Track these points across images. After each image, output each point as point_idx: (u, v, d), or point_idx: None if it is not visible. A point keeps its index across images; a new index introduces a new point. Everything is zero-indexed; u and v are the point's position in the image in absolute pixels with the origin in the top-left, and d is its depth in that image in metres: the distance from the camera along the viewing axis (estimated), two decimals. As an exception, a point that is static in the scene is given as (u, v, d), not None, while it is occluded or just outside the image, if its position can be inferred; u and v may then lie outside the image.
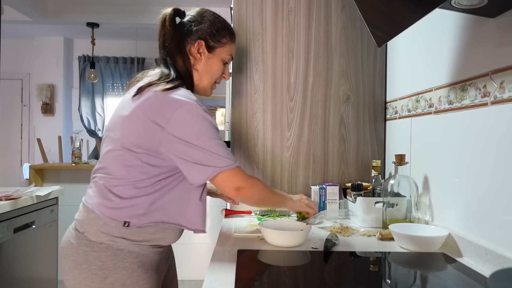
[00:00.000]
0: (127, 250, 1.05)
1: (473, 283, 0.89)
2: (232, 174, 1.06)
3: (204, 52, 1.17)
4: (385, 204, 1.30)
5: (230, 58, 1.24)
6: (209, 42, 1.17)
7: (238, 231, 1.30)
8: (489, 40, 0.98)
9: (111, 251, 1.04)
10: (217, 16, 1.22)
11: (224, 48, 1.20)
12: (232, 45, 1.23)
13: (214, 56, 1.19)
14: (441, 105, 1.21)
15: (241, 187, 1.08)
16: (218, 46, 1.19)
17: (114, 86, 5.73)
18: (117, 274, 1.03)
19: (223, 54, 1.20)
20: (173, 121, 1.00)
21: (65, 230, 1.19)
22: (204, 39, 1.17)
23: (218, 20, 1.21)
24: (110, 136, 1.09)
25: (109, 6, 4.54)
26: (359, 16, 1.63)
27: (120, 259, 1.04)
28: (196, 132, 1.02)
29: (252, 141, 1.69)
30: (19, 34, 5.30)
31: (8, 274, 1.78)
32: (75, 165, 3.22)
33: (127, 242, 1.04)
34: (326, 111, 1.69)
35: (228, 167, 1.05)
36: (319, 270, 0.97)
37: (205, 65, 1.18)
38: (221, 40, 1.19)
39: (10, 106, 5.57)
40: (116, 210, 1.04)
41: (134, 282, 1.04)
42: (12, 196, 1.84)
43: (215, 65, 1.20)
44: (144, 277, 1.06)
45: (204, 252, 3.18)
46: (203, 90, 1.21)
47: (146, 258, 1.08)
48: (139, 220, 1.04)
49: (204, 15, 1.19)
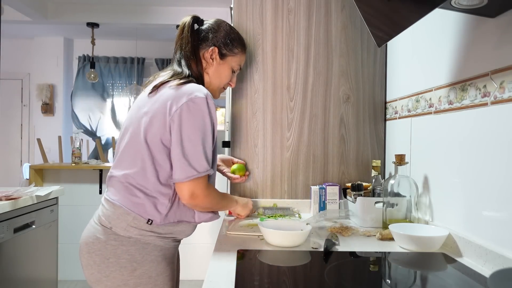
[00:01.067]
0: (153, 244, 1.11)
1: (473, 283, 0.89)
2: (197, 181, 1.09)
3: (216, 58, 1.27)
4: (385, 204, 1.30)
5: (239, 68, 1.36)
6: (222, 50, 1.28)
7: (231, 229, 1.31)
8: (489, 40, 0.98)
9: (140, 244, 1.09)
10: (232, 28, 1.34)
11: (234, 58, 1.31)
12: (242, 57, 1.35)
13: (225, 63, 1.30)
14: (441, 105, 1.21)
15: (196, 195, 1.09)
16: (230, 55, 1.30)
17: (114, 86, 5.72)
18: (144, 266, 1.09)
19: (233, 63, 1.32)
20: (180, 110, 1.08)
21: (65, 230, 1.22)
22: (218, 46, 1.27)
23: (232, 32, 1.32)
24: (129, 132, 1.15)
25: (109, 6, 4.54)
26: (359, 16, 1.63)
27: (147, 252, 1.10)
28: (193, 128, 1.08)
29: (252, 141, 1.69)
30: (19, 34, 5.31)
31: (8, 274, 1.78)
32: (75, 165, 3.22)
33: (154, 235, 1.11)
34: (326, 111, 1.69)
35: (203, 173, 1.09)
36: (319, 270, 0.97)
37: (215, 70, 1.28)
38: (233, 50, 1.30)
39: (10, 106, 5.57)
40: (142, 206, 1.10)
41: (159, 274, 1.11)
42: (12, 196, 1.84)
43: (225, 71, 1.30)
44: (167, 269, 1.13)
45: (204, 252, 3.18)
46: (212, 92, 1.29)
47: (168, 252, 1.16)
48: (160, 219, 1.11)
49: (220, 25, 1.31)
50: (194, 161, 1.07)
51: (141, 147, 1.10)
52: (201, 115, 1.08)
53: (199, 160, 1.08)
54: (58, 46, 5.50)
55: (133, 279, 1.07)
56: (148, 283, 1.08)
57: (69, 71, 5.71)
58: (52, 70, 5.49)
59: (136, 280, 1.07)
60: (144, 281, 1.08)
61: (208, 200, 1.12)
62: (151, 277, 1.09)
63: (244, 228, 1.33)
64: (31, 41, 5.49)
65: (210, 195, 1.13)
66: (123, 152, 1.15)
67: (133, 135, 1.13)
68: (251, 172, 1.68)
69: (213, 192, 1.16)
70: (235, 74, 1.37)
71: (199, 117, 1.08)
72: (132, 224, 1.09)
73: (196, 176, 1.07)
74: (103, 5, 4.53)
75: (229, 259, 1.01)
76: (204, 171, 1.09)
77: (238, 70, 1.36)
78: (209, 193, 1.13)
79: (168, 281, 1.13)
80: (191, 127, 1.07)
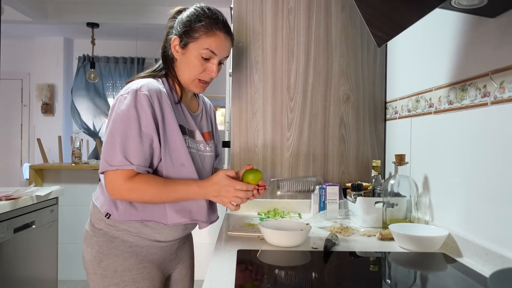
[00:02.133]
0: (121, 239, 1.11)
1: (473, 283, 0.89)
2: (115, 174, 1.04)
3: (178, 49, 1.14)
4: (385, 204, 1.30)
5: (210, 53, 1.12)
6: (183, 39, 1.12)
7: (232, 229, 1.30)
8: (489, 40, 0.98)
9: (107, 237, 1.12)
10: (197, 9, 1.14)
11: (197, 43, 1.11)
12: (207, 39, 1.11)
13: (187, 51, 1.12)
14: (441, 105, 1.21)
15: (116, 188, 1.05)
16: (191, 41, 1.11)
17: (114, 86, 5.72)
18: (109, 259, 1.10)
19: (198, 49, 1.11)
20: (112, 105, 1.09)
21: (65, 230, 1.26)
22: (179, 35, 1.13)
23: (195, 14, 1.12)
24: None
25: (109, 6, 4.53)
26: (359, 16, 1.63)
27: (113, 246, 1.11)
28: (114, 121, 1.06)
29: (252, 141, 1.69)
30: (19, 34, 5.30)
31: (8, 274, 1.78)
32: (75, 165, 3.22)
33: (122, 231, 1.12)
34: (326, 111, 1.69)
35: (116, 167, 1.03)
36: (319, 270, 0.97)
37: (181, 61, 1.15)
38: (193, 34, 1.11)
39: (10, 106, 5.57)
40: (103, 200, 1.13)
41: (126, 270, 1.10)
42: (12, 196, 1.84)
43: (190, 61, 1.13)
44: (138, 267, 1.11)
45: (204, 252, 3.18)
46: (185, 85, 1.18)
47: (142, 250, 1.13)
48: (118, 215, 1.11)
49: (184, 11, 1.16)
50: (107, 155, 1.04)
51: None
52: (126, 108, 1.05)
53: (112, 153, 1.04)
54: (58, 46, 5.50)
55: (99, 270, 1.10)
56: (114, 277, 1.09)
57: (69, 71, 5.71)
58: (52, 70, 5.49)
59: (102, 272, 1.10)
60: (109, 274, 1.09)
61: (134, 194, 1.06)
62: (117, 271, 1.10)
63: (244, 228, 1.33)
64: (31, 41, 5.48)
65: (137, 189, 1.05)
66: None
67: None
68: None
69: (142, 185, 1.05)
70: (213, 61, 1.13)
71: (123, 110, 1.05)
72: (98, 217, 1.14)
73: (108, 169, 1.04)
74: (103, 5, 4.52)
75: (229, 259, 1.01)
76: (117, 165, 1.03)
77: (213, 55, 1.13)
78: (134, 188, 1.05)
79: (142, 280, 1.11)
80: (113, 120, 1.06)
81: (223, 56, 1.16)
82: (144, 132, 1.05)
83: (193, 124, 1.21)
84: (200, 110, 1.28)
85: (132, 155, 1.04)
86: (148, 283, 1.12)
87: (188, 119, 1.20)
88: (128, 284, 1.09)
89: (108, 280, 1.09)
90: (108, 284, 1.09)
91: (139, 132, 1.04)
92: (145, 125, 1.05)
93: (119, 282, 1.09)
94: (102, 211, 1.12)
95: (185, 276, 1.30)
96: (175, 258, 1.24)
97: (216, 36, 1.12)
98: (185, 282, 1.30)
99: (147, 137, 1.06)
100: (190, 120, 1.20)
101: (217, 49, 1.12)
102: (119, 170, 1.04)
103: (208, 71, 1.14)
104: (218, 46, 1.12)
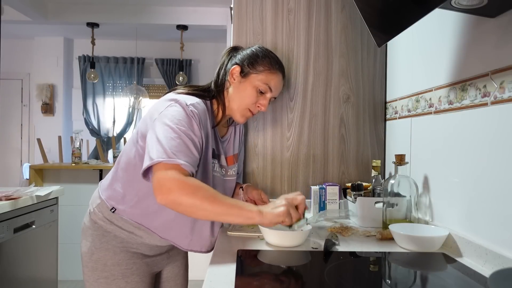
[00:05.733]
0: (113, 234, 1.15)
1: (473, 283, 0.89)
2: (162, 168, 0.95)
3: (237, 76, 1.21)
4: (385, 204, 1.30)
5: (267, 89, 1.21)
6: (244, 68, 1.21)
7: (232, 229, 1.30)
8: (489, 40, 0.98)
9: (100, 231, 1.15)
10: (263, 49, 1.26)
11: (258, 76, 1.20)
12: (269, 75, 1.21)
13: (246, 81, 1.21)
14: (441, 105, 1.21)
15: (165, 187, 0.93)
16: (253, 73, 1.20)
17: (114, 86, 5.72)
18: (100, 253, 1.14)
19: (257, 81, 1.20)
20: (155, 106, 1.12)
21: (65, 230, 1.28)
22: (241, 64, 1.22)
23: (261, 51, 1.24)
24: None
25: (109, 6, 4.54)
26: (359, 16, 1.62)
27: (106, 241, 1.15)
28: (169, 117, 1.05)
29: (252, 141, 1.69)
30: (19, 34, 5.30)
31: (8, 274, 1.78)
32: (75, 165, 3.22)
33: (116, 227, 1.14)
34: (326, 111, 1.69)
35: (163, 160, 0.95)
36: (319, 270, 0.97)
37: (235, 88, 1.22)
38: (256, 67, 1.21)
39: (10, 106, 5.57)
40: (110, 191, 1.16)
41: (116, 264, 1.14)
42: (12, 196, 1.84)
43: (246, 90, 1.20)
44: (127, 262, 1.15)
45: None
46: (232, 112, 1.23)
47: (133, 246, 1.17)
48: (124, 212, 1.13)
49: (250, 47, 1.27)
50: (150, 150, 0.99)
51: (130, 142, 1.17)
52: (177, 114, 1.04)
53: (154, 147, 0.98)
54: (58, 46, 5.51)
55: (91, 262, 1.15)
56: (104, 270, 1.13)
57: (69, 71, 5.71)
58: (52, 70, 5.50)
59: (93, 265, 1.14)
60: (99, 267, 1.13)
61: (186, 191, 0.93)
62: (106, 265, 1.13)
63: (244, 228, 1.33)
64: (31, 41, 5.49)
65: (187, 187, 0.94)
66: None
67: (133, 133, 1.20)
68: (251, 171, 1.67)
69: (197, 183, 0.97)
70: (265, 96, 1.22)
71: (175, 115, 1.03)
72: (97, 209, 1.16)
73: (151, 163, 0.96)
74: (103, 5, 4.53)
75: (229, 259, 1.00)
76: (166, 158, 0.95)
77: (269, 91, 1.22)
78: (189, 185, 0.94)
79: (131, 275, 1.14)
80: (161, 122, 1.03)
81: (276, 94, 1.26)
82: (194, 139, 1.03)
83: (220, 148, 1.25)
84: (228, 136, 1.33)
85: (180, 155, 0.98)
86: (137, 278, 1.15)
87: (217, 144, 1.24)
88: (117, 278, 1.13)
89: (98, 273, 1.13)
90: (98, 277, 1.13)
91: (191, 137, 1.02)
92: (197, 135, 1.05)
93: (108, 276, 1.13)
94: (107, 204, 1.15)
95: (177, 275, 1.33)
96: (167, 257, 1.28)
97: (276, 75, 1.23)
98: (177, 281, 1.33)
99: (197, 144, 1.04)
100: (218, 144, 1.25)
101: (274, 86, 1.23)
102: (173, 164, 0.96)
103: (259, 104, 1.23)
104: (275, 84, 1.23)
